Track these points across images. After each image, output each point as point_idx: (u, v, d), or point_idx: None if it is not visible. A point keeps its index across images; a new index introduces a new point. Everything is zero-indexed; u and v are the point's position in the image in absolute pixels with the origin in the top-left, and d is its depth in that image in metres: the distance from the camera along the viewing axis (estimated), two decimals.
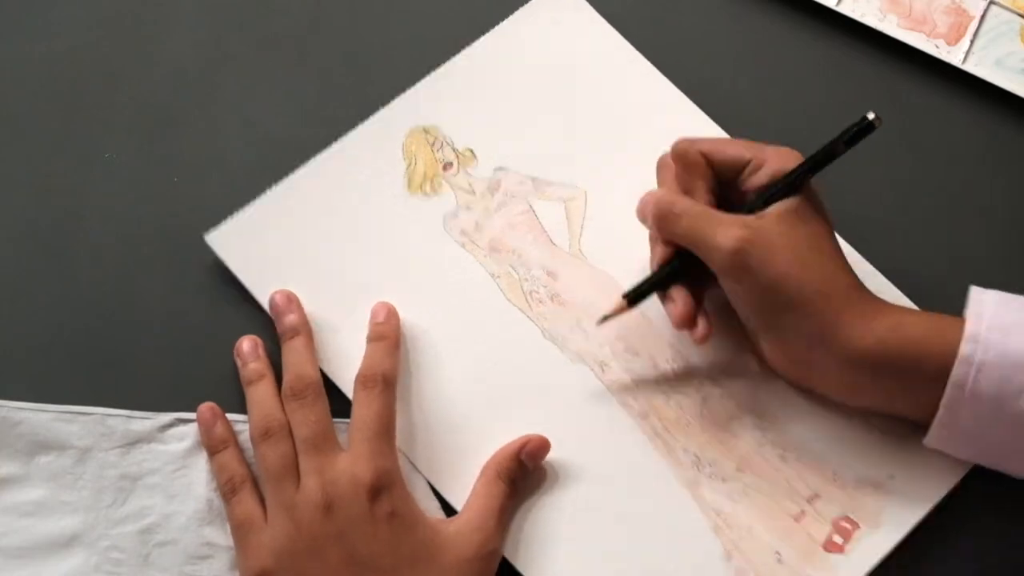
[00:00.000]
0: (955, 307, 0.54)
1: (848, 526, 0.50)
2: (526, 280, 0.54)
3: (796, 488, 0.51)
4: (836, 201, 0.56)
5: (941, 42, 0.61)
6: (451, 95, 0.58)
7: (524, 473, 0.49)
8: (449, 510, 0.49)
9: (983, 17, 0.61)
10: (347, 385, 0.50)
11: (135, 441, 0.49)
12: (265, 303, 0.52)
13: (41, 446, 0.49)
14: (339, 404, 0.49)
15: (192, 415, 0.50)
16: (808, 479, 0.51)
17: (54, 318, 0.52)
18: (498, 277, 0.54)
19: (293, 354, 0.50)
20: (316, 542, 0.45)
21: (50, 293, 0.53)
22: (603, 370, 0.52)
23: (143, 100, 0.57)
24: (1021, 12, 0.62)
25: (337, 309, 0.53)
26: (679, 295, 0.50)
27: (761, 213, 0.49)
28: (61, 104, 0.57)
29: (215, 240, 0.53)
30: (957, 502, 0.51)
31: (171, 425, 0.50)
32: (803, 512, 0.50)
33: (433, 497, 0.50)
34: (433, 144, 0.57)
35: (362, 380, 0.49)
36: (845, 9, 0.61)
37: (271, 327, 0.52)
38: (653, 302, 0.52)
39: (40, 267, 0.53)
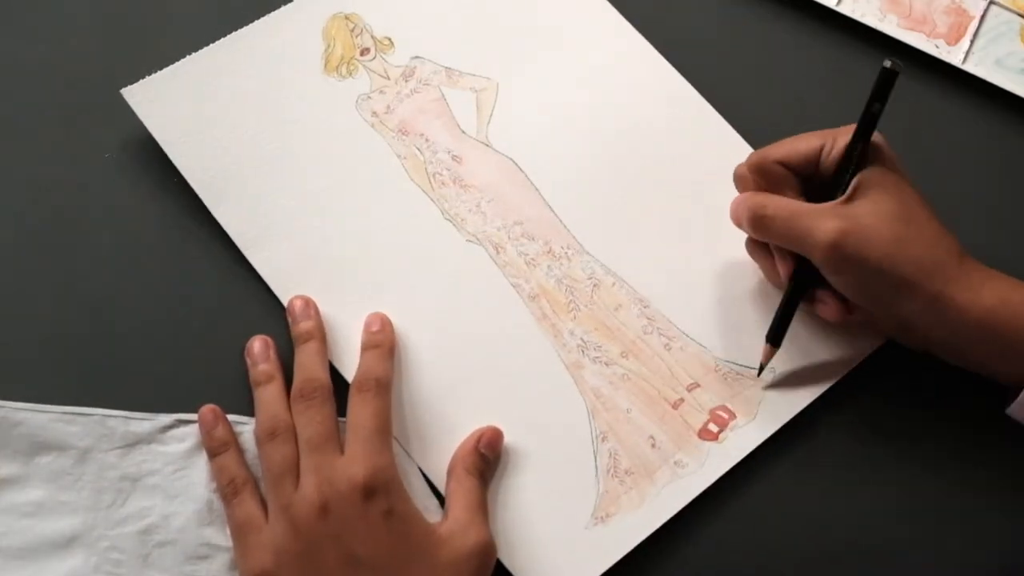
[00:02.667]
0: None
1: (724, 415, 0.52)
2: (431, 163, 0.56)
3: (677, 376, 0.52)
4: None
5: (941, 42, 0.61)
6: None
7: (487, 464, 0.50)
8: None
9: (983, 17, 0.61)
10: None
11: (135, 442, 0.49)
12: (175, 159, 0.54)
13: (41, 447, 0.49)
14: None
15: (192, 416, 0.50)
16: (690, 368, 0.53)
17: (54, 319, 0.52)
18: (404, 158, 0.56)
19: (305, 357, 0.50)
20: (314, 542, 0.45)
21: (50, 294, 0.53)
22: (498, 252, 0.54)
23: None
24: (1021, 12, 0.62)
25: (248, 169, 0.55)
26: (825, 296, 0.51)
27: (848, 195, 0.49)
28: (61, 104, 0.57)
29: (132, 95, 0.55)
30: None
31: (171, 426, 0.50)
32: (682, 399, 0.52)
33: (432, 496, 0.50)
34: (353, 30, 0.59)
35: (356, 385, 0.49)
36: (845, 9, 0.61)
37: (257, 325, 0.52)
38: (560, 194, 0.56)
39: (40, 267, 0.53)
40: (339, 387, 0.50)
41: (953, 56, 0.60)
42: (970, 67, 0.60)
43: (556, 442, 0.51)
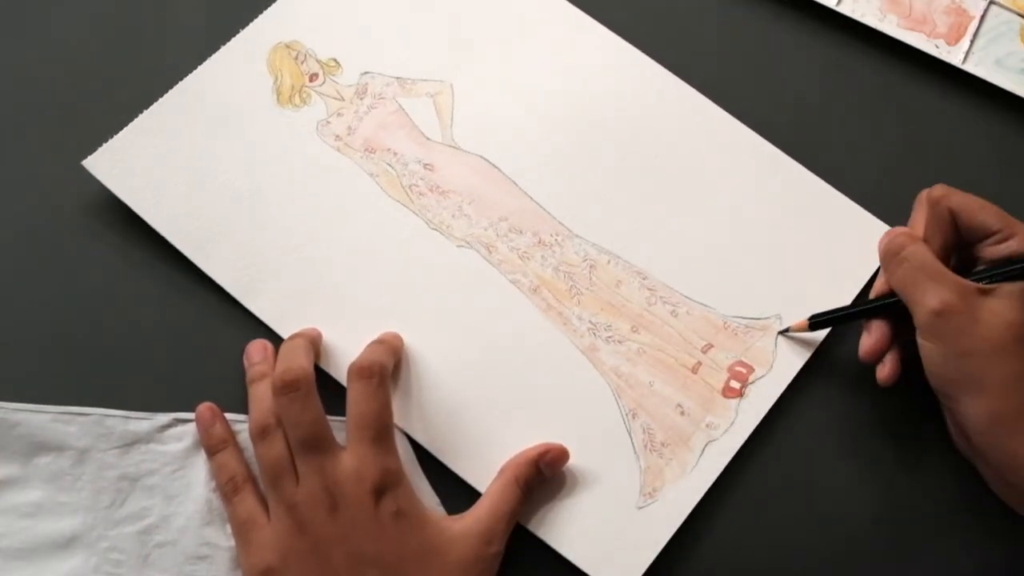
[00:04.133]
0: None
1: (743, 370, 0.52)
2: (404, 175, 0.56)
3: (690, 340, 0.53)
4: None
5: (941, 42, 0.61)
6: (309, 9, 0.60)
7: (541, 480, 0.49)
8: (452, 502, 0.49)
9: (983, 17, 0.61)
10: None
11: (133, 442, 0.49)
12: (152, 222, 0.53)
13: (40, 447, 0.49)
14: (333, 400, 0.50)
15: (190, 415, 0.50)
16: (700, 330, 0.53)
17: (52, 319, 0.52)
18: (376, 176, 0.56)
19: (287, 349, 0.49)
20: (321, 542, 0.45)
21: (48, 294, 0.53)
22: (490, 251, 0.54)
23: (141, 102, 0.57)
24: (1021, 12, 0.62)
25: (224, 218, 0.54)
26: (876, 328, 0.50)
27: (983, 287, 0.47)
28: (61, 105, 0.57)
29: (93, 164, 0.55)
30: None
31: (169, 425, 0.50)
32: (699, 363, 0.53)
33: (435, 494, 0.50)
34: (296, 58, 0.58)
35: (358, 370, 0.48)
36: (845, 9, 0.61)
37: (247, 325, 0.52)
38: (538, 183, 0.56)
39: (38, 268, 0.53)
40: (340, 393, 0.50)
41: (953, 56, 0.60)
42: (970, 67, 0.60)
43: (588, 428, 0.51)
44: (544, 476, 0.49)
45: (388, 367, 0.49)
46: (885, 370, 0.50)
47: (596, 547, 0.49)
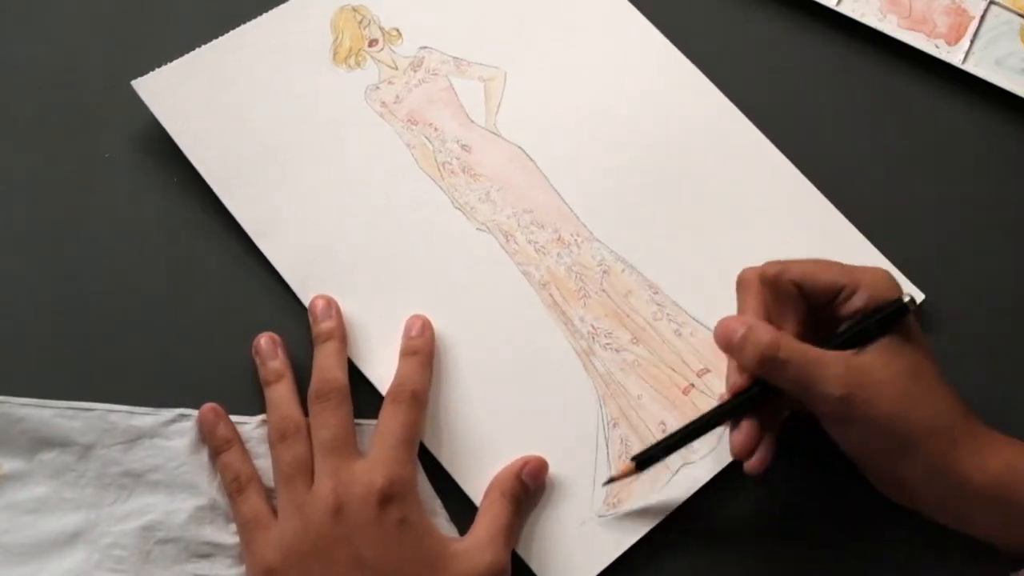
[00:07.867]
0: (955, 306, 0.54)
1: None
2: (440, 152, 0.57)
3: (687, 362, 0.53)
4: (836, 201, 0.57)
5: (941, 42, 0.61)
6: None
7: (526, 492, 0.49)
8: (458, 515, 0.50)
9: (983, 17, 0.62)
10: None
11: (138, 437, 0.49)
12: (188, 152, 0.55)
13: (43, 443, 0.49)
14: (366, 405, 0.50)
15: (195, 411, 0.50)
16: (701, 353, 0.53)
17: (55, 315, 0.52)
18: (413, 147, 0.57)
19: (323, 357, 0.50)
20: (323, 542, 0.45)
21: (51, 290, 0.53)
22: (507, 239, 0.55)
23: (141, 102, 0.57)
24: (1021, 12, 0.62)
25: (258, 160, 0.55)
26: (746, 425, 0.48)
27: (860, 351, 0.47)
28: (61, 104, 0.57)
29: (142, 87, 0.56)
30: None
31: (174, 421, 0.50)
32: (692, 385, 0.52)
33: (446, 514, 0.49)
34: (360, 22, 0.60)
35: (391, 395, 0.49)
36: (845, 9, 0.61)
37: (265, 323, 0.52)
38: (569, 182, 0.56)
39: (41, 264, 0.53)
40: (355, 382, 0.50)
41: (953, 56, 0.60)
42: (970, 67, 0.60)
43: (566, 428, 0.51)
44: (529, 488, 0.49)
45: (421, 387, 0.50)
46: (752, 463, 0.47)
47: (550, 549, 0.49)
